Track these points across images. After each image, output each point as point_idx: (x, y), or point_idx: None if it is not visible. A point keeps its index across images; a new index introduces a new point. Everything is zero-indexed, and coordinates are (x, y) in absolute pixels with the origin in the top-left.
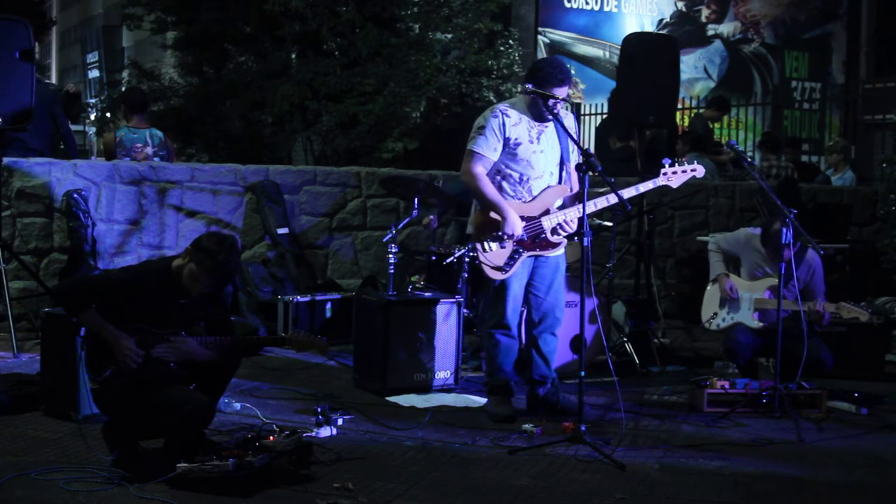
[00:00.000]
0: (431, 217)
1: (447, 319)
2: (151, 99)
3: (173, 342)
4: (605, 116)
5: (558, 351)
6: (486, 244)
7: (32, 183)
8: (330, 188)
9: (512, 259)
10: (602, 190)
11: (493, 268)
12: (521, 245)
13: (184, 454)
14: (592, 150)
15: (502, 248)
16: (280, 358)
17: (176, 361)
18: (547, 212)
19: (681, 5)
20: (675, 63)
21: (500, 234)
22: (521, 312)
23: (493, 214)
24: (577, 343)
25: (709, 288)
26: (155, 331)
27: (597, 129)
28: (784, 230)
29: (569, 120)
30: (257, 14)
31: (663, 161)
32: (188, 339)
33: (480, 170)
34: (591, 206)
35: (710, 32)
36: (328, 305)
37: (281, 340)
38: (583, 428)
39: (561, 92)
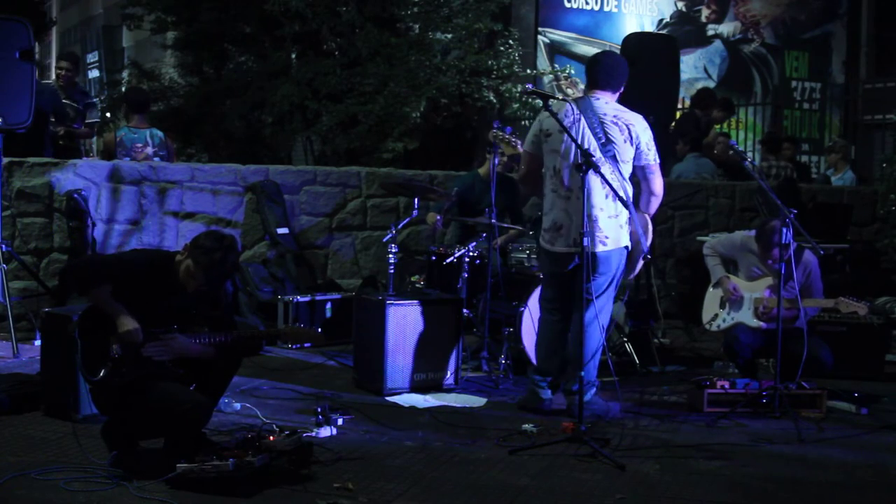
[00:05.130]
0: (438, 218)
1: (447, 319)
2: (152, 99)
3: (164, 339)
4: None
5: None
6: None
7: (32, 183)
8: (330, 188)
9: None
10: None
11: None
12: None
13: (184, 454)
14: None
15: None
16: (280, 358)
17: (170, 359)
18: None
19: (681, 5)
20: (675, 63)
21: None
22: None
23: None
24: None
25: (710, 290)
26: (147, 329)
27: None
28: (783, 230)
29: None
30: (257, 14)
31: None
32: (178, 336)
33: None
34: None
35: (710, 32)
36: (328, 305)
37: (276, 334)
38: (583, 428)
39: None
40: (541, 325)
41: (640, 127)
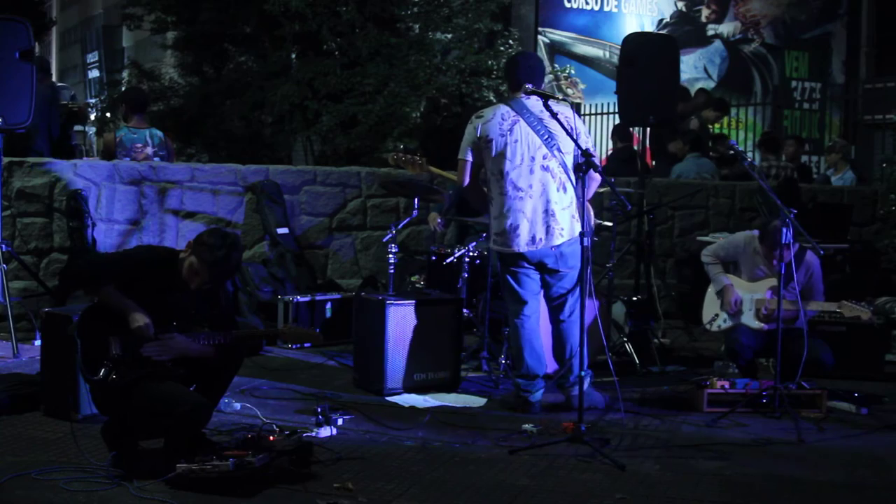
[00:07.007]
0: (440, 220)
1: (447, 319)
2: (151, 99)
3: (162, 339)
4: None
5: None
6: None
7: (32, 183)
8: (330, 188)
9: None
10: None
11: None
12: None
13: (184, 454)
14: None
15: None
16: (280, 358)
17: (170, 359)
18: None
19: (681, 5)
20: (675, 63)
21: None
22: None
23: None
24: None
25: (710, 290)
26: None
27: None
28: (784, 229)
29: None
30: (257, 14)
31: None
32: (176, 336)
33: None
34: None
35: (710, 32)
36: (328, 305)
37: (276, 334)
38: (583, 428)
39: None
40: (516, 332)
41: (574, 117)
